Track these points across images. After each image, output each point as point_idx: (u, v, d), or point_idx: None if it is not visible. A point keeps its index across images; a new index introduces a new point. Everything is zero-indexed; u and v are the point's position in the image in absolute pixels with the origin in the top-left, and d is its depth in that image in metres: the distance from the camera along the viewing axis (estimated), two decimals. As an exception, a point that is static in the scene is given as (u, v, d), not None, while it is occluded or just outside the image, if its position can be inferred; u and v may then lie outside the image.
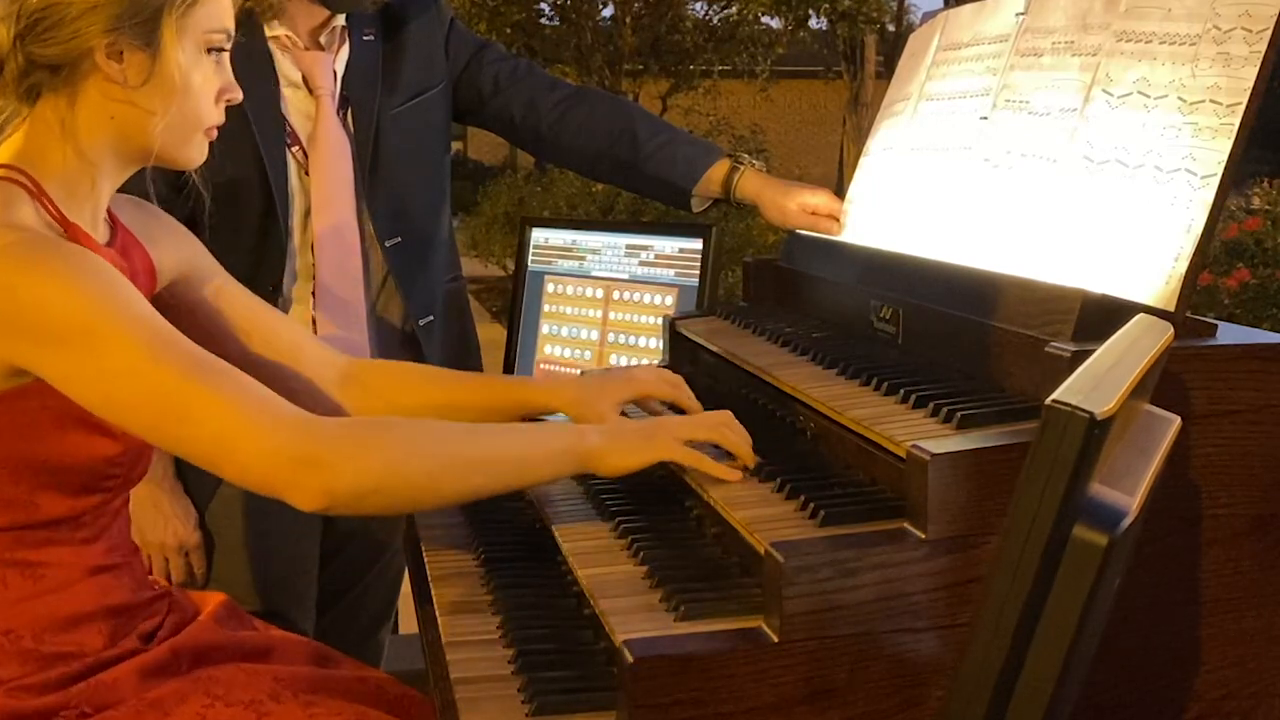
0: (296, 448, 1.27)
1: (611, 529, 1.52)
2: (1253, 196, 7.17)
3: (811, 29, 17.09)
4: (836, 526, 1.24)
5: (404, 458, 1.33)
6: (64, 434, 1.35)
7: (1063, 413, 0.81)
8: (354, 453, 1.29)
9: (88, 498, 1.41)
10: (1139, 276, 1.35)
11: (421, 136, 2.20)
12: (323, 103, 2.07)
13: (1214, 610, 1.33)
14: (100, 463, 1.39)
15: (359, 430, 1.35)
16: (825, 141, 22.12)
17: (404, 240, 2.14)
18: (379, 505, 1.35)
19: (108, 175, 1.44)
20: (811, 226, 2.09)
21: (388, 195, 2.13)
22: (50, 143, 1.39)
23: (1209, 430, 1.30)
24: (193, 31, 1.40)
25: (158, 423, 1.29)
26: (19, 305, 1.27)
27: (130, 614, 1.46)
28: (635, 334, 2.34)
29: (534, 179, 13.51)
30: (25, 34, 1.34)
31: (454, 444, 1.38)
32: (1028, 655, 0.85)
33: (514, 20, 14.85)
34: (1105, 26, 1.55)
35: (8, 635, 1.36)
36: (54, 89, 1.38)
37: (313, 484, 1.27)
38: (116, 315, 1.28)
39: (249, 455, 1.27)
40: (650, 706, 1.13)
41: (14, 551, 1.37)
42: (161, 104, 1.40)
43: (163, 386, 1.27)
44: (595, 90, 2.37)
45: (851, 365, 1.53)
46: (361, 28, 2.13)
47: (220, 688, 1.39)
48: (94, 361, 1.27)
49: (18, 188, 1.36)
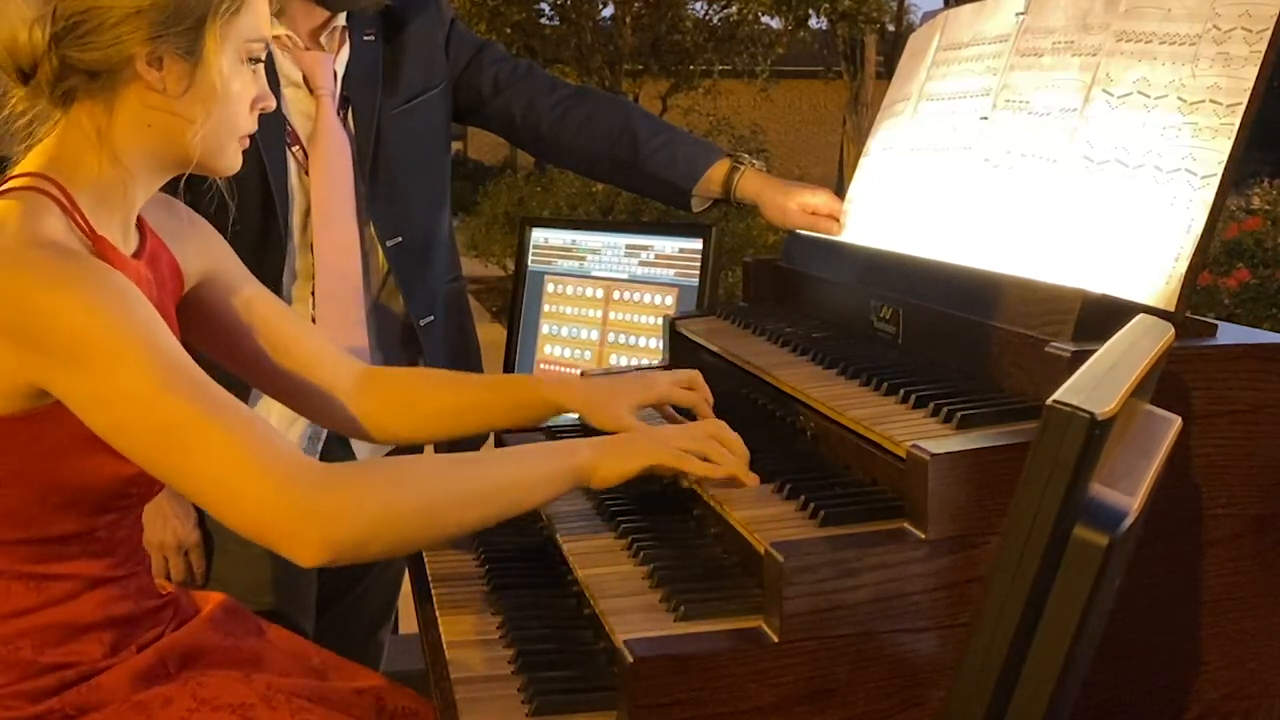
0: (297, 501, 1.24)
1: (612, 529, 1.52)
2: (1253, 196, 7.18)
3: (811, 29, 17.08)
4: (836, 526, 1.24)
5: (405, 497, 1.31)
6: (85, 455, 1.33)
7: (1063, 413, 0.81)
8: (354, 498, 1.27)
9: (104, 515, 1.40)
10: (1139, 276, 1.35)
11: (422, 137, 2.20)
12: (323, 103, 2.07)
13: (1214, 610, 1.33)
14: (119, 483, 1.38)
15: (355, 474, 1.34)
16: (825, 141, 22.13)
17: (405, 240, 2.14)
18: (381, 549, 1.32)
19: (142, 184, 1.42)
20: (811, 226, 2.09)
21: (389, 195, 2.13)
22: (85, 150, 1.37)
23: (1209, 430, 1.30)
24: (234, 40, 1.39)
25: (160, 454, 1.26)
26: (40, 322, 1.26)
27: (133, 624, 1.45)
28: (635, 334, 2.34)
29: (534, 179, 13.51)
30: (62, 36, 1.32)
31: (448, 479, 1.36)
32: (1028, 655, 0.85)
33: (514, 20, 14.84)
34: (1105, 26, 1.55)
35: (7, 646, 1.35)
36: (91, 95, 1.36)
37: (313, 536, 1.25)
38: (134, 339, 1.26)
39: (249, 497, 1.25)
40: (650, 706, 1.13)
41: (24, 564, 1.37)
42: (202, 113, 1.38)
43: (171, 417, 1.25)
44: (595, 90, 2.38)
45: (851, 365, 1.52)
46: (362, 28, 2.13)
47: (208, 691, 1.38)
48: (104, 384, 1.25)
49: (47, 199, 1.34)
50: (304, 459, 1.29)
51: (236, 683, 1.41)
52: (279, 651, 1.58)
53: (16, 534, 1.36)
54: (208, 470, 1.25)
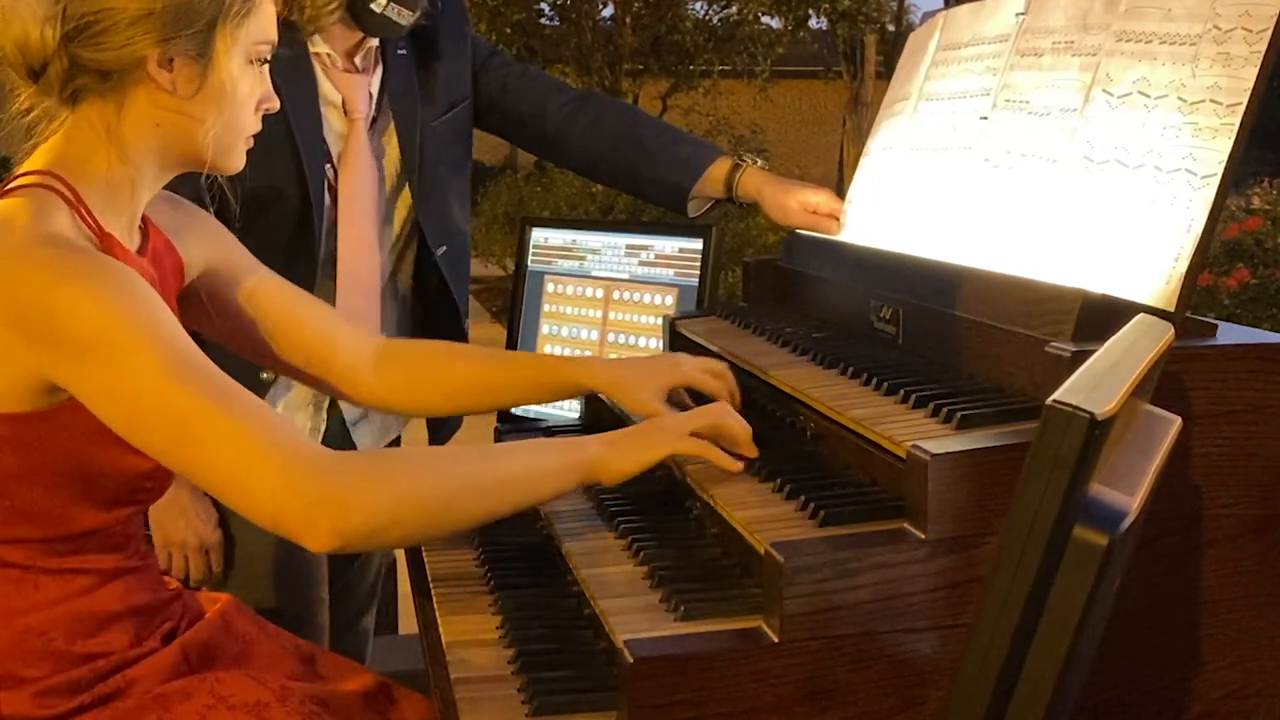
0: (310, 489, 1.26)
1: (612, 529, 1.52)
2: (1253, 196, 7.17)
3: (811, 29, 17.07)
4: (836, 527, 1.24)
5: (415, 489, 1.32)
6: (101, 450, 1.35)
7: (1063, 413, 0.81)
8: (366, 489, 1.28)
9: (120, 510, 1.42)
10: (1139, 276, 1.35)
11: (456, 146, 2.26)
12: (356, 126, 2.11)
13: (1214, 610, 1.33)
14: (135, 477, 1.39)
15: (366, 465, 1.35)
16: (825, 141, 22.09)
17: (449, 247, 2.21)
18: (391, 539, 1.35)
19: (148, 182, 1.44)
20: (812, 225, 2.09)
21: (435, 205, 2.18)
22: (93, 149, 1.39)
23: (1209, 430, 1.30)
24: (243, 42, 1.41)
25: (174, 446, 1.28)
26: (53, 319, 1.27)
27: (151, 613, 1.47)
28: (635, 334, 2.33)
29: (534, 179, 13.51)
30: (73, 36, 1.33)
31: (458, 472, 1.36)
32: (1028, 655, 0.85)
33: (514, 20, 14.83)
34: (1105, 26, 1.54)
35: (41, 636, 1.37)
36: (101, 94, 1.37)
37: (325, 525, 1.26)
38: (145, 333, 1.28)
39: (262, 487, 1.26)
40: (650, 707, 1.13)
41: (46, 560, 1.38)
42: (212, 113, 1.40)
43: (183, 409, 1.27)
44: (600, 94, 2.42)
45: (851, 365, 1.52)
46: (395, 45, 2.17)
47: (225, 689, 1.40)
48: (118, 378, 1.27)
49: (55, 196, 1.36)
50: (316, 448, 1.31)
51: (251, 682, 1.43)
52: (285, 653, 1.60)
53: (38, 532, 1.37)
54: (221, 461, 1.27)
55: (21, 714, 1.33)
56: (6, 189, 1.38)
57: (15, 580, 1.37)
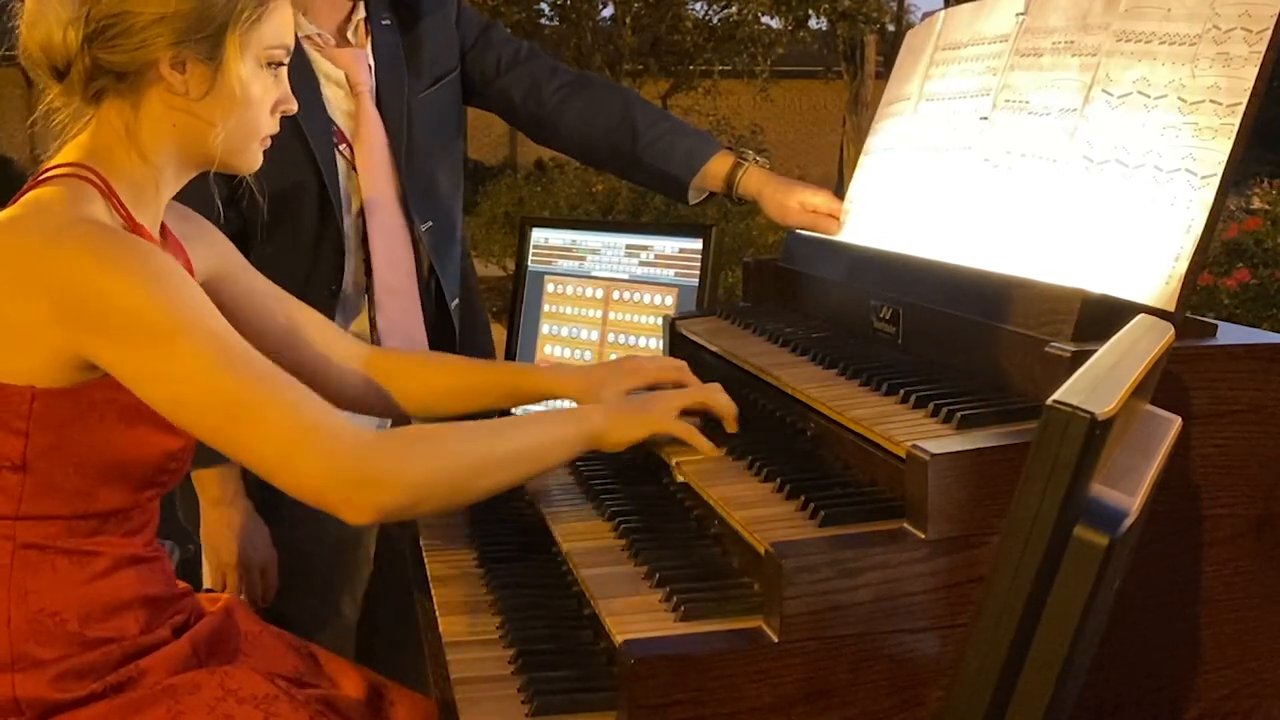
0: (353, 469, 1.32)
1: (612, 529, 1.52)
2: (1253, 196, 7.17)
3: (811, 29, 17.07)
4: (836, 527, 1.24)
5: (443, 465, 1.39)
6: (130, 429, 1.38)
7: (1063, 413, 0.81)
8: (400, 468, 1.35)
9: (145, 491, 1.45)
10: (1139, 276, 1.35)
11: (444, 119, 2.24)
12: (362, 99, 2.09)
13: (1214, 610, 1.33)
14: (162, 457, 1.43)
15: (400, 445, 1.40)
16: (825, 141, 22.11)
17: (435, 223, 2.19)
18: (423, 511, 1.46)
19: (169, 181, 1.48)
20: (812, 225, 2.09)
21: (420, 179, 2.16)
22: (116, 146, 1.43)
23: (1209, 430, 1.30)
24: (254, 47, 1.45)
25: (222, 425, 1.32)
26: (94, 300, 1.30)
27: (162, 605, 1.49)
28: (635, 334, 2.34)
29: (534, 179, 13.50)
30: (94, 37, 1.38)
31: (479, 446, 1.44)
32: (1028, 655, 0.85)
33: (514, 20, 14.84)
34: (1105, 26, 1.54)
35: (54, 618, 1.39)
36: (119, 94, 1.42)
37: (365, 502, 1.33)
38: (190, 317, 1.32)
39: (308, 468, 1.32)
40: (650, 707, 1.13)
41: (65, 540, 1.40)
42: (221, 116, 1.44)
43: (232, 391, 1.31)
44: (597, 78, 2.37)
45: (851, 365, 1.52)
46: (378, 15, 2.14)
47: (234, 682, 1.42)
48: (165, 361, 1.31)
49: (89, 185, 1.40)
50: (355, 429, 1.36)
51: (259, 677, 1.45)
52: (288, 650, 1.61)
53: (61, 509, 1.39)
54: (267, 442, 1.32)
55: (38, 696, 1.35)
56: (40, 179, 1.42)
57: (33, 562, 1.38)
